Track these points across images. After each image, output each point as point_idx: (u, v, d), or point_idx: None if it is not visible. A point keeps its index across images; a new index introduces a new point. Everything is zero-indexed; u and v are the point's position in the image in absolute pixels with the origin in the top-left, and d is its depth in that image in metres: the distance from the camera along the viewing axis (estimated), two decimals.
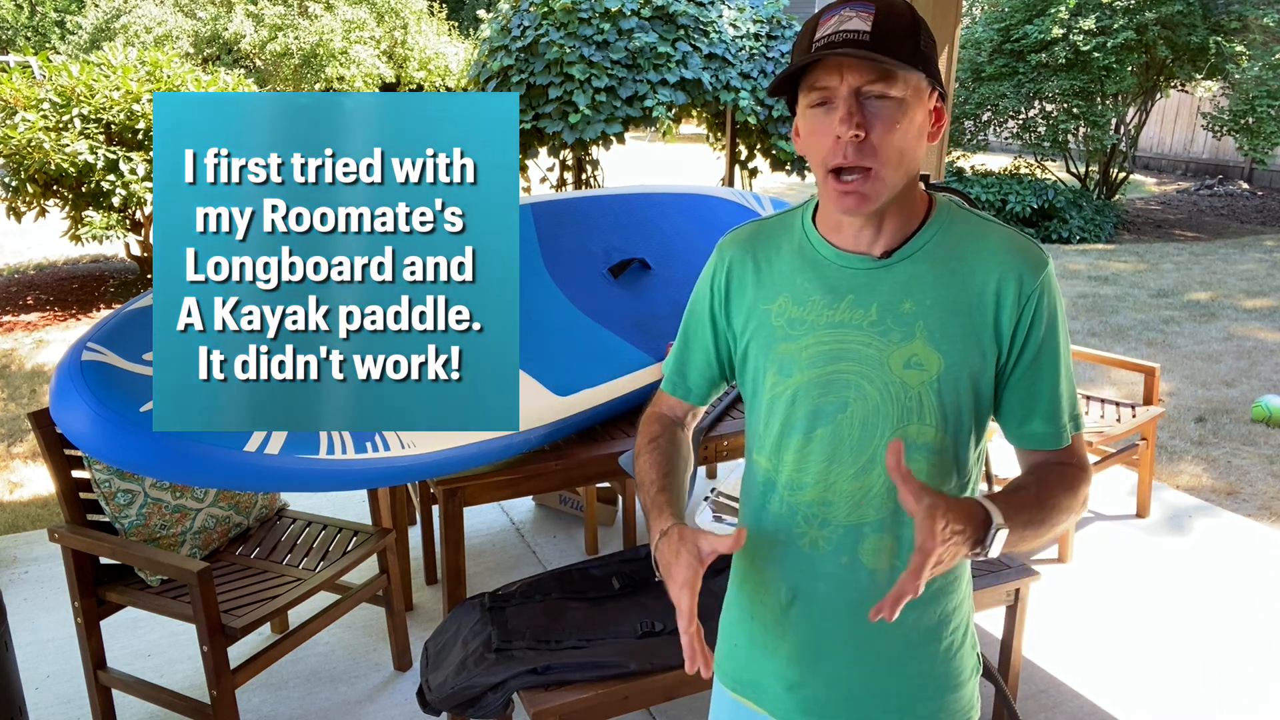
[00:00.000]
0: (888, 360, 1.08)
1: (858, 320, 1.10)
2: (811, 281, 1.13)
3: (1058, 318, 1.11)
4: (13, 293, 7.29)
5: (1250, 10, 9.43)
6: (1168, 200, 12.68)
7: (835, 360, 1.10)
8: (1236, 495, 3.90)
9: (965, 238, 1.10)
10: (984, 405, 1.12)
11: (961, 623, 1.20)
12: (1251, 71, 9.62)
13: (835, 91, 1.02)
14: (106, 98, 6.13)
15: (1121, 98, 10.11)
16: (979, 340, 1.08)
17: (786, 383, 1.13)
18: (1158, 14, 9.24)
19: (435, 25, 18.39)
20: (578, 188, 8.06)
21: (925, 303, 1.08)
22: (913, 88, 1.03)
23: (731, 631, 1.28)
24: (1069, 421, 1.13)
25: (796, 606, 1.17)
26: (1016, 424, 1.14)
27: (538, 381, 2.35)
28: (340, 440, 1.94)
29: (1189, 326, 6.48)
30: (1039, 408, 1.12)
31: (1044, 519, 1.06)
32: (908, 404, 1.08)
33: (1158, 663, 2.71)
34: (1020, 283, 1.07)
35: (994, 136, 11.06)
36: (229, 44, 16.45)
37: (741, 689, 1.26)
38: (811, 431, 1.12)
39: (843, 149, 1.02)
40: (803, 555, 1.15)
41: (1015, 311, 1.08)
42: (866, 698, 1.18)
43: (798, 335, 1.13)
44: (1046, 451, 1.14)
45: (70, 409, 1.74)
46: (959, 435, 1.11)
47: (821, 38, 1.02)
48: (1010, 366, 1.10)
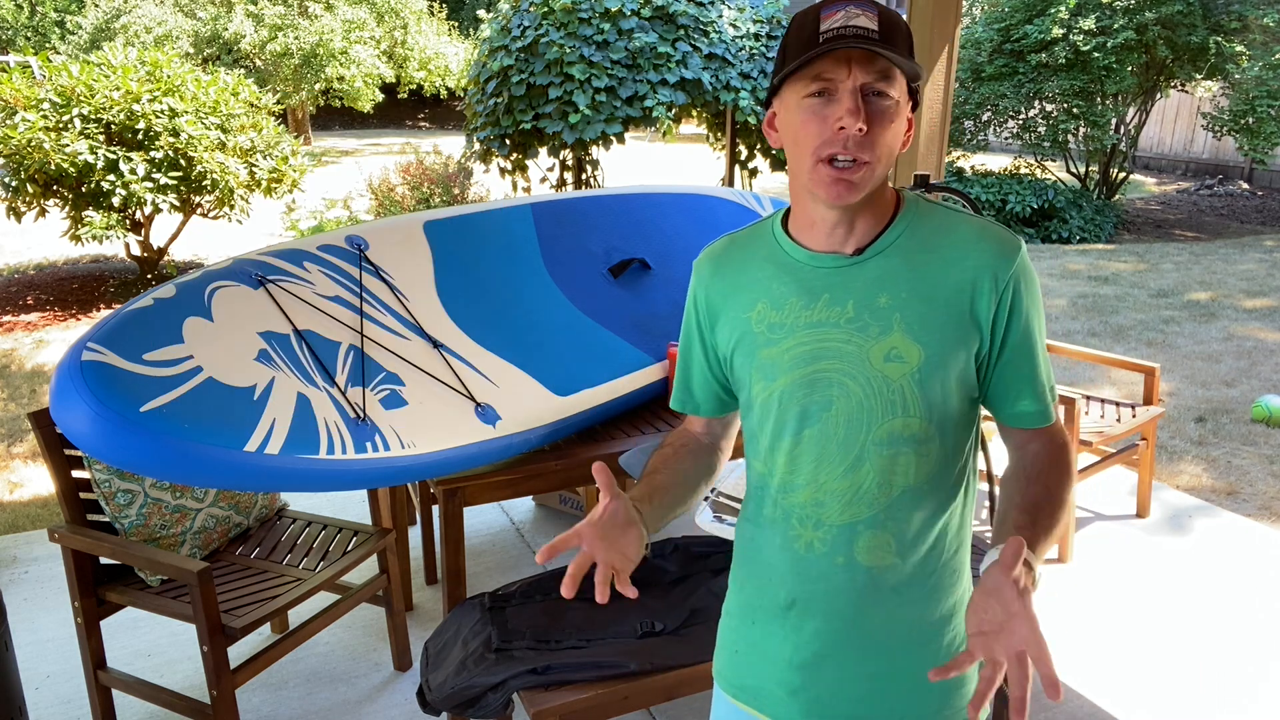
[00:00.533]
0: (868, 355, 1.09)
1: (835, 318, 1.11)
2: (787, 285, 1.14)
3: (1035, 300, 1.13)
4: (13, 293, 7.29)
5: (1250, 10, 9.43)
6: (1168, 200, 12.68)
7: (816, 360, 1.11)
8: (1236, 495, 3.89)
9: (935, 230, 1.12)
10: (968, 393, 1.13)
11: (963, 620, 1.19)
12: (1251, 71, 9.62)
13: (840, 84, 1.03)
14: (106, 98, 6.13)
15: (1121, 98, 10.11)
16: (957, 329, 1.09)
17: (772, 386, 1.15)
18: (1158, 14, 9.24)
19: (435, 25, 18.40)
20: (578, 188, 8.06)
21: (901, 295, 1.09)
22: (901, 92, 1.06)
23: (731, 638, 1.28)
24: (1049, 395, 1.17)
25: (795, 610, 1.17)
26: (1009, 406, 1.16)
27: (538, 381, 2.35)
28: (340, 440, 1.94)
29: (1189, 326, 6.48)
30: (1026, 389, 1.14)
31: (1058, 528, 1.09)
32: (891, 398, 1.09)
33: (1158, 663, 2.71)
34: (996, 271, 1.09)
35: (994, 136, 11.06)
36: (229, 44, 16.46)
37: (744, 696, 1.26)
38: (800, 433, 1.13)
39: (843, 140, 1.04)
40: (799, 558, 1.16)
41: (993, 299, 1.09)
42: (870, 699, 1.17)
43: (778, 339, 1.14)
44: (1036, 430, 1.17)
45: (70, 409, 1.74)
46: (945, 425, 1.12)
47: (830, 30, 1.03)
48: (995, 352, 1.12)
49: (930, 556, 1.15)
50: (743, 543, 1.26)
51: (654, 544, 2.32)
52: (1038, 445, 1.17)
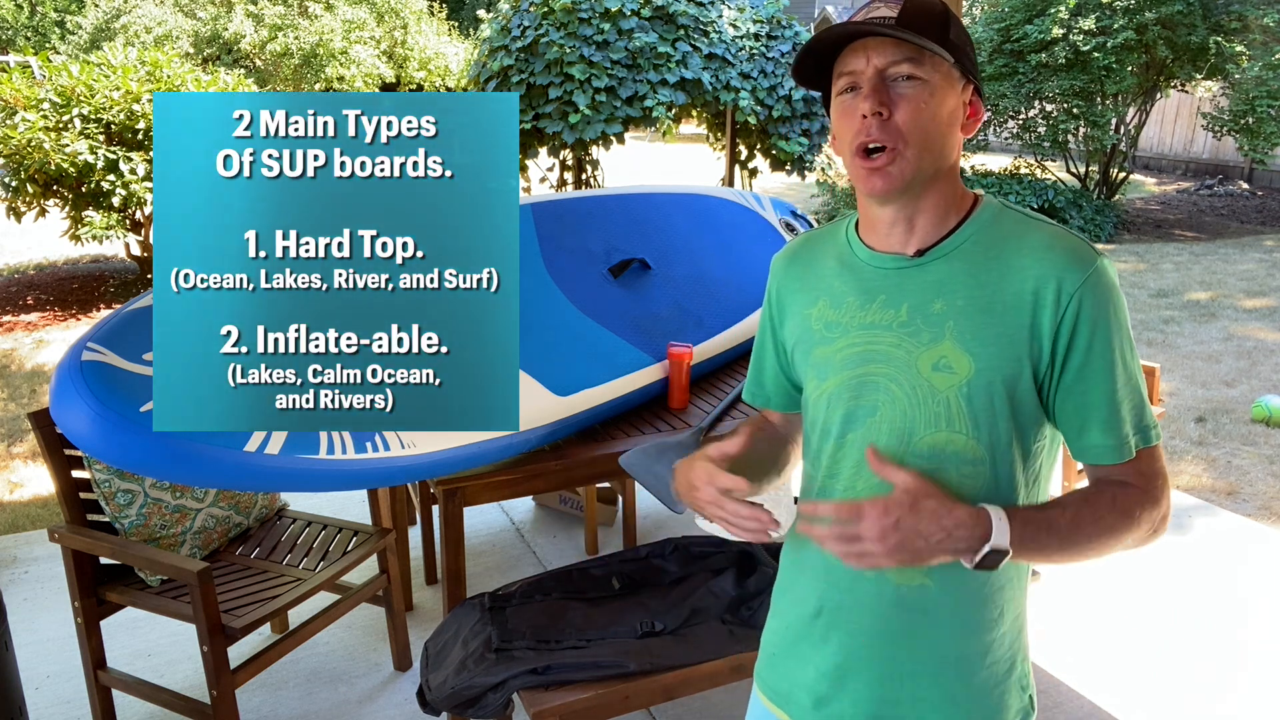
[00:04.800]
0: (916, 362, 1.05)
1: (887, 321, 1.07)
2: (848, 284, 1.12)
3: (1110, 319, 1.02)
4: (13, 293, 7.29)
5: (1250, 10, 9.43)
6: (1168, 200, 12.68)
7: (866, 362, 1.08)
8: (1236, 495, 3.89)
9: (1007, 236, 1.05)
10: (1026, 415, 1.05)
11: (1003, 658, 1.12)
12: (1251, 71, 9.61)
13: (861, 74, 1.03)
14: (106, 98, 6.13)
15: (1121, 98, 10.11)
16: (1014, 343, 1.02)
17: (823, 386, 1.12)
18: (1158, 14, 9.23)
19: (435, 25, 18.40)
20: (578, 188, 8.06)
21: (957, 303, 1.04)
22: (942, 73, 1.03)
23: (770, 639, 1.26)
24: (1134, 433, 1.04)
25: (823, 619, 1.14)
26: (1075, 435, 1.06)
27: (538, 381, 2.35)
28: (340, 440, 1.94)
29: (1189, 326, 6.48)
30: (1094, 417, 1.03)
31: (1076, 543, 1.01)
32: (936, 409, 1.04)
33: (1158, 663, 2.71)
34: (1060, 282, 1.00)
35: (994, 136, 11.06)
36: (229, 44, 16.45)
37: (777, 699, 1.24)
38: (844, 436, 1.10)
39: (867, 127, 1.02)
40: (830, 567, 1.11)
41: (1056, 313, 1.00)
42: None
43: (833, 338, 1.11)
44: (1109, 466, 1.05)
45: (70, 409, 1.74)
46: (995, 446, 1.04)
47: (851, 23, 1.03)
48: (1057, 373, 1.03)
49: (966, 586, 1.08)
50: (791, 543, 1.24)
51: (654, 544, 2.32)
52: (1111, 479, 1.05)
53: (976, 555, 0.96)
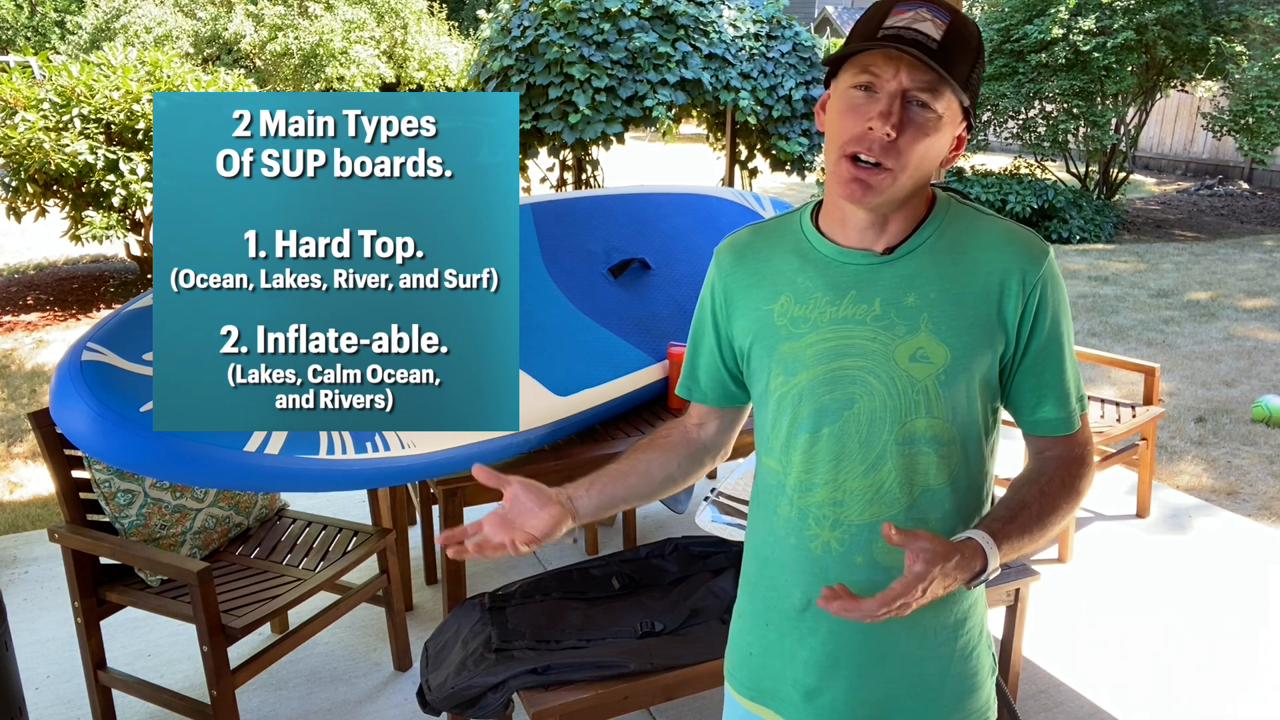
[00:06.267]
0: (893, 354, 1.08)
1: (861, 315, 1.09)
2: (813, 279, 1.13)
3: (1062, 304, 1.12)
4: (13, 293, 7.29)
5: (1250, 10, 9.43)
6: (1168, 200, 12.68)
7: (840, 356, 1.10)
8: (1236, 495, 3.90)
9: (965, 232, 1.12)
10: (991, 396, 1.13)
11: (977, 622, 1.20)
12: (1251, 71, 9.61)
13: (884, 83, 1.02)
14: (106, 98, 6.13)
15: (1121, 98, 10.11)
16: (985, 331, 1.08)
17: (792, 381, 1.13)
18: (1158, 14, 9.23)
19: (435, 25, 18.41)
20: (578, 188, 8.06)
21: (929, 296, 1.08)
22: (952, 110, 1.04)
23: (745, 640, 1.26)
24: (1076, 404, 1.15)
25: (811, 611, 1.15)
26: (1029, 411, 1.15)
27: (538, 381, 2.35)
28: (340, 440, 1.94)
29: (1189, 326, 6.48)
30: (1049, 394, 1.13)
31: (1043, 533, 1.09)
32: (915, 397, 1.08)
33: (1158, 663, 2.71)
34: (1024, 274, 1.08)
35: (994, 136, 11.07)
36: (229, 44, 16.46)
37: (759, 697, 1.24)
38: (818, 430, 1.12)
39: (870, 141, 1.02)
40: (815, 558, 1.14)
41: (1020, 302, 1.09)
42: (886, 702, 1.16)
43: (801, 333, 1.12)
44: (1056, 438, 1.15)
45: (70, 409, 1.74)
46: (968, 428, 1.11)
47: (891, 28, 1.01)
48: (1019, 356, 1.12)
49: None
50: (754, 543, 1.24)
51: (654, 544, 2.32)
52: (1055, 454, 1.16)
53: (974, 584, 1.04)
